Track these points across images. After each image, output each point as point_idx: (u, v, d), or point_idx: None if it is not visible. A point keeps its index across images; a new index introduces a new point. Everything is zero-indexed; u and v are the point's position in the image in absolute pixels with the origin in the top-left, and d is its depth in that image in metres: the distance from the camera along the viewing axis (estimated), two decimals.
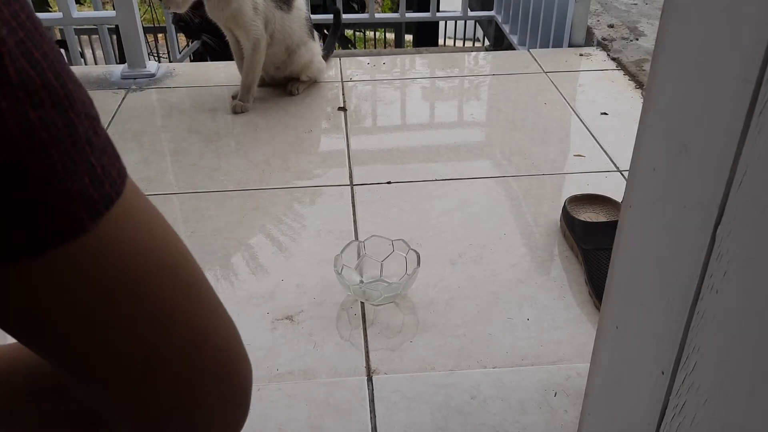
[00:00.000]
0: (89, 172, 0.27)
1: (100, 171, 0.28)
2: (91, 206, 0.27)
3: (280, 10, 1.50)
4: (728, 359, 0.41)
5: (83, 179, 0.27)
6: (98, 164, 0.27)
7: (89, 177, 0.27)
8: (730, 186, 0.40)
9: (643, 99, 0.50)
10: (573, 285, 1.01)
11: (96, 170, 0.27)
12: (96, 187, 0.27)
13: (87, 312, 0.29)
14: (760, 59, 0.36)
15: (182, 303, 0.32)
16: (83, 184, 0.27)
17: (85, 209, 0.27)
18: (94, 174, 0.27)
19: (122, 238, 0.29)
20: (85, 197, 0.27)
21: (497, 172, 1.29)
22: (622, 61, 1.76)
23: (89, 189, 0.27)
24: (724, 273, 0.41)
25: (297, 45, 1.55)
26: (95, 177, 0.27)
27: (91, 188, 0.27)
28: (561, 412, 0.80)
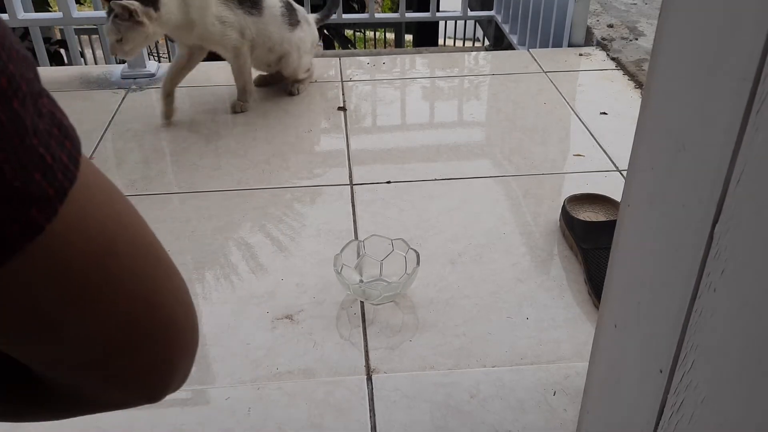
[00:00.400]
0: (39, 166, 0.24)
1: (51, 161, 0.25)
2: (45, 204, 0.25)
3: (251, 16, 1.48)
4: (726, 358, 0.41)
5: (34, 177, 0.24)
6: (47, 153, 0.25)
7: (40, 172, 0.24)
8: (727, 184, 0.40)
9: (642, 98, 0.50)
10: (572, 284, 1.01)
11: (46, 161, 0.25)
12: (49, 180, 0.25)
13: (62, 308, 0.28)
14: (758, 58, 0.37)
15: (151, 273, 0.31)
16: (35, 182, 0.24)
17: (39, 209, 0.25)
18: (45, 166, 0.25)
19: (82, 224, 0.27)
20: (38, 196, 0.24)
21: (497, 172, 1.29)
22: (621, 60, 1.76)
23: (42, 185, 0.25)
24: (722, 271, 0.41)
25: (279, 43, 1.53)
26: (46, 169, 0.25)
27: (44, 184, 0.25)
28: (560, 410, 0.80)
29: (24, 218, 0.24)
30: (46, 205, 0.25)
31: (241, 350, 0.89)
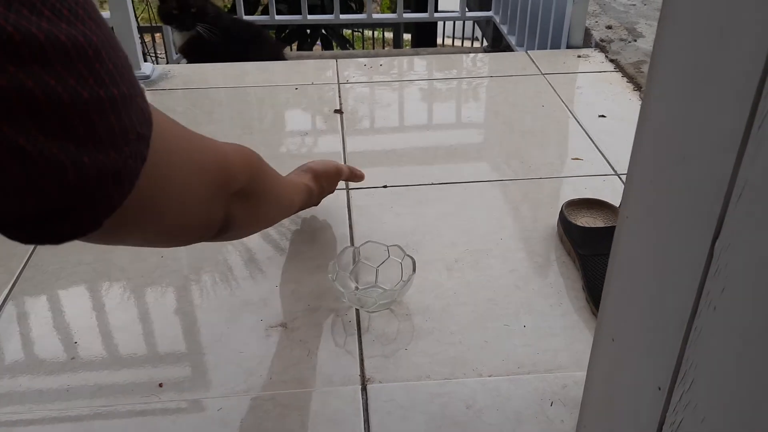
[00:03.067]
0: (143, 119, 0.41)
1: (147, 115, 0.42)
2: (146, 143, 0.41)
3: None
4: (726, 379, 0.40)
5: (143, 126, 0.41)
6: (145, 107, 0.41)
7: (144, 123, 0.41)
8: (728, 200, 0.39)
9: (640, 108, 0.49)
10: (570, 291, 1.00)
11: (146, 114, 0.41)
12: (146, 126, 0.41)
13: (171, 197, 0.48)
14: (760, 71, 0.35)
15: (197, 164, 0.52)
16: (145, 128, 0.41)
17: (145, 145, 0.41)
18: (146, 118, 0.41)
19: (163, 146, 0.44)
20: (145, 137, 0.41)
21: (494, 176, 1.28)
22: (620, 62, 1.75)
23: (144, 129, 0.41)
24: (723, 289, 0.40)
25: None
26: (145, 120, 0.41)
27: (145, 128, 0.41)
28: (557, 422, 0.79)
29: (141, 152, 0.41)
30: (147, 143, 0.41)
31: (234, 359, 0.88)
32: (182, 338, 0.92)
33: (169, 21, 2.13)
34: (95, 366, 0.88)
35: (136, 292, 1.00)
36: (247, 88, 1.68)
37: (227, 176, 0.56)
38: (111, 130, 0.37)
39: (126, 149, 0.39)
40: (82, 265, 1.05)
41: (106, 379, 0.86)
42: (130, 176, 0.39)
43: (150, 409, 0.81)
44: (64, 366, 0.87)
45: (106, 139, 0.37)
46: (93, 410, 0.81)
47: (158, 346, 0.91)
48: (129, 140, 0.39)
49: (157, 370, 0.87)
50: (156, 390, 0.84)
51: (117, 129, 0.37)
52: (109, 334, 0.93)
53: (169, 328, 0.94)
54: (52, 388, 0.84)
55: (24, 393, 0.83)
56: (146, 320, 0.95)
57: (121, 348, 0.91)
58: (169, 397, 0.83)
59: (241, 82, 1.71)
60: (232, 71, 1.78)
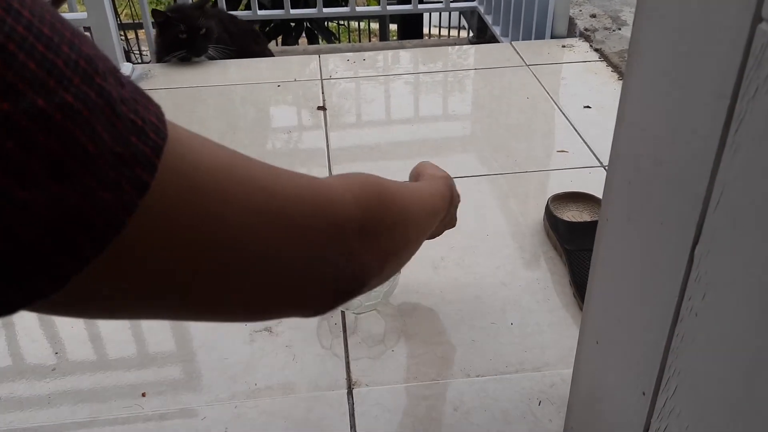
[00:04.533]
0: (133, 130, 0.27)
1: (141, 123, 0.28)
2: (145, 162, 0.27)
3: None
4: (709, 385, 0.39)
5: (131, 140, 0.27)
6: (137, 117, 0.27)
7: (135, 135, 0.27)
8: (707, 205, 0.38)
9: (618, 110, 0.48)
10: (557, 286, 0.99)
11: (137, 124, 0.27)
12: (143, 141, 0.27)
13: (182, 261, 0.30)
14: (735, 73, 0.34)
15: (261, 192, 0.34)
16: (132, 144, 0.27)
17: (141, 168, 0.27)
18: (137, 129, 0.27)
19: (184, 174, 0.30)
20: (138, 156, 0.27)
21: (480, 171, 1.27)
22: (604, 51, 1.74)
23: (139, 146, 0.27)
24: (704, 296, 0.39)
25: None
26: (139, 132, 0.27)
27: (140, 145, 0.27)
28: (545, 421, 0.78)
29: (132, 178, 0.27)
30: (147, 163, 0.27)
31: (218, 365, 0.87)
32: (165, 345, 0.91)
33: (176, 48, 1.76)
34: (77, 375, 0.86)
35: None
36: (230, 86, 1.66)
37: (334, 218, 0.38)
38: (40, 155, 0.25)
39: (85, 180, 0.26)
40: None
41: (88, 389, 0.84)
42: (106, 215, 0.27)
43: (133, 418, 0.80)
44: (46, 376, 0.86)
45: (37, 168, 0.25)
46: (75, 420, 0.80)
47: (141, 354, 0.90)
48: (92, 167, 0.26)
49: (140, 378, 0.86)
50: (139, 399, 0.83)
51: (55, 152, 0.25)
52: (91, 343, 0.91)
53: (152, 336, 0.92)
54: (33, 398, 0.83)
55: (5, 403, 0.82)
56: (128, 328, 0.94)
57: (103, 357, 0.90)
58: (152, 406, 0.82)
59: (223, 80, 1.69)
60: (213, 69, 1.76)
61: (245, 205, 0.32)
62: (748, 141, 0.34)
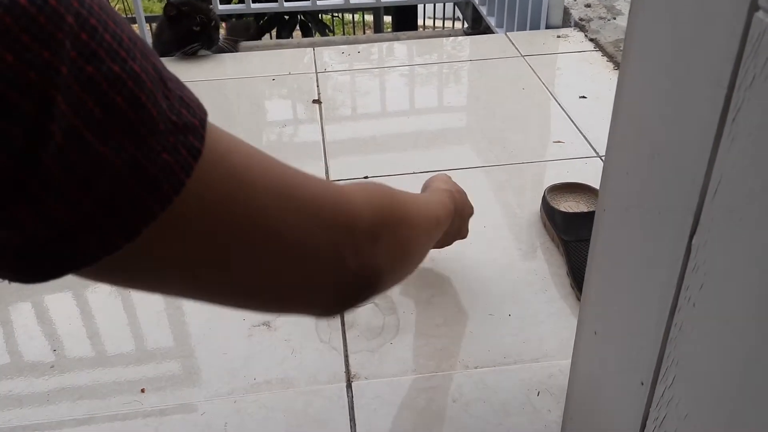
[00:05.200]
0: (184, 104, 0.31)
1: (189, 100, 0.31)
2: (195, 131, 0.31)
3: None
4: (707, 375, 0.40)
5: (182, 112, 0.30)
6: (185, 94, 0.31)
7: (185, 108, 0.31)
8: (704, 195, 0.38)
9: (614, 100, 0.48)
10: (555, 277, 0.99)
11: (185, 100, 0.31)
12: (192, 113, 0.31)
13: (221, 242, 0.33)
14: (732, 62, 0.34)
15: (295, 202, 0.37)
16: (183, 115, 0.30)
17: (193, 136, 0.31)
18: (186, 104, 0.31)
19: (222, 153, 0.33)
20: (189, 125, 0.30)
21: (476, 163, 1.27)
22: (599, 41, 1.73)
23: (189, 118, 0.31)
24: (701, 285, 0.39)
25: None
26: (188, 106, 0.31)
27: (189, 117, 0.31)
28: (544, 412, 0.78)
29: (186, 144, 0.30)
30: (197, 132, 0.31)
31: (217, 361, 0.87)
32: (164, 341, 0.91)
33: (189, 41, 1.72)
34: (76, 372, 0.86)
35: (116, 296, 0.99)
36: (224, 80, 1.65)
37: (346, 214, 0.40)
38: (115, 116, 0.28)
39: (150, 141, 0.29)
40: None
41: (87, 385, 0.84)
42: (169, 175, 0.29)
43: (132, 414, 0.80)
44: (44, 373, 0.86)
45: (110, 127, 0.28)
46: (74, 417, 0.80)
47: (140, 350, 0.90)
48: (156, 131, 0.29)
49: (138, 374, 0.86)
50: (138, 395, 0.83)
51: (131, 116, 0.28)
52: (89, 340, 0.91)
53: (150, 331, 0.92)
54: (32, 396, 0.83)
55: (3, 401, 0.82)
56: (127, 324, 0.94)
57: (101, 353, 0.89)
58: (151, 402, 0.82)
59: (217, 75, 1.68)
60: (208, 64, 1.75)
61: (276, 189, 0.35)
62: (745, 130, 0.34)
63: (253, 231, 0.34)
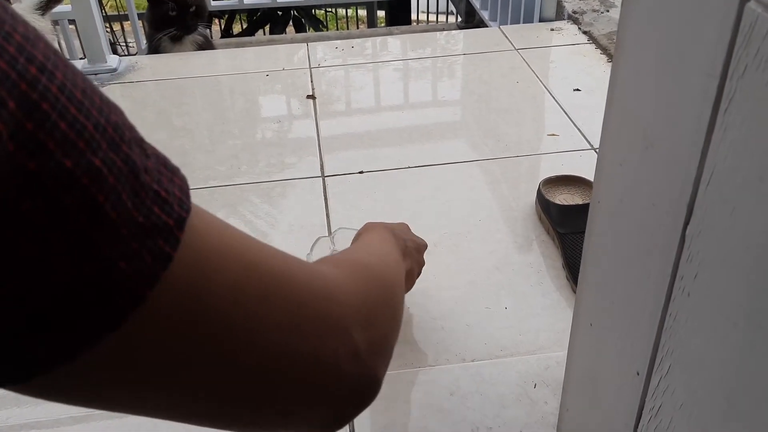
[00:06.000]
0: (156, 201, 0.26)
1: (165, 194, 0.26)
2: (168, 234, 0.26)
3: None
4: (702, 365, 0.40)
5: (154, 210, 0.26)
6: (161, 188, 0.26)
7: (158, 205, 0.26)
8: (698, 185, 0.38)
9: (607, 94, 0.48)
10: (550, 270, 0.99)
11: (161, 195, 0.26)
12: (167, 212, 0.26)
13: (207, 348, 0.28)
14: (724, 52, 0.34)
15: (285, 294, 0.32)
16: (155, 215, 0.26)
17: (163, 240, 0.26)
18: (161, 200, 0.26)
19: (206, 251, 0.28)
20: (161, 227, 0.26)
21: (471, 156, 1.27)
22: (593, 34, 1.73)
23: (162, 217, 0.26)
24: (695, 275, 0.39)
25: None
26: (163, 203, 0.26)
27: (163, 216, 0.26)
28: (541, 403, 0.79)
29: (154, 249, 0.25)
30: (169, 235, 0.26)
31: None
32: None
33: (166, 26, 1.75)
34: None
35: None
36: (218, 76, 1.65)
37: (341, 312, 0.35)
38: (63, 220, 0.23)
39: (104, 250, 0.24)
40: None
41: None
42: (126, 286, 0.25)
43: None
44: None
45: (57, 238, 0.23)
46: (71, 415, 0.80)
47: None
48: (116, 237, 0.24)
49: None
50: None
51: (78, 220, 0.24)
52: None
53: None
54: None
55: (1, 400, 0.82)
56: None
57: None
58: None
59: (211, 71, 1.68)
60: (200, 60, 1.75)
61: (260, 293, 0.30)
62: (737, 120, 0.34)
63: (234, 352, 0.29)
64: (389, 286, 0.45)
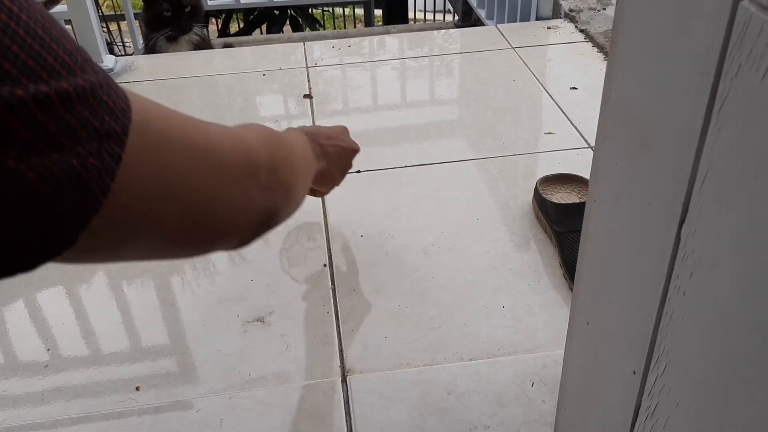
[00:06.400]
0: (106, 111, 0.33)
1: (112, 105, 0.34)
2: (117, 138, 0.34)
3: None
4: (699, 364, 0.40)
5: (105, 118, 0.33)
6: (109, 100, 0.33)
7: (108, 114, 0.33)
8: (692, 184, 0.38)
9: (603, 89, 0.48)
10: (548, 268, 0.99)
11: (110, 106, 0.33)
12: (115, 120, 0.33)
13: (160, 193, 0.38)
14: (718, 50, 0.34)
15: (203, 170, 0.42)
16: (107, 122, 0.33)
17: (114, 142, 0.33)
18: (109, 109, 0.33)
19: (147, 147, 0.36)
20: (111, 132, 0.33)
21: (468, 155, 1.27)
22: (590, 32, 1.73)
23: (111, 124, 0.33)
24: (691, 274, 0.39)
25: None
26: (111, 112, 0.33)
27: (112, 123, 0.33)
28: (539, 402, 0.79)
29: (109, 149, 0.33)
30: (119, 139, 0.34)
31: (212, 357, 0.87)
32: (158, 338, 0.91)
33: (161, 26, 1.77)
34: (70, 371, 0.86)
35: (109, 294, 0.98)
36: (215, 76, 1.65)
37: (249, 158, 0.47)
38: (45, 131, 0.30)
39: (77, 149, 0.32)
40: (52, 269, 1.03)
41: (81, 384, 0.84)
42: (98, 178, 0.33)
43: (128, 412, 0.80)
44: (38, 373, 0.86)
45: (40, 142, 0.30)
46: (69, 416, 0.80)
47: (134, 348, 0.90)
48: (80, 139, 0.32)
49: (133, 372, 0.86)
50: (133, 393, 0.83)
51: (53, 129, 0.31)
52: (83, 339, 0.91)
53: (144, 329, 0.92)
54: (26, 396, 0.83)
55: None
56: (120, 322, 0.94)
57: (95, 352, 0.89)
58: (146, 400, 0.82)
59: (208, 71, 1.67)
60: (197, 60, 1.75)
61: (191, 155, 0.41)
62: (732, 119, 0.34)
63: (180, 197, 0.40)
64: (291, 151, 0.58)
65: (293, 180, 0.57)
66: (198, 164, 0.41)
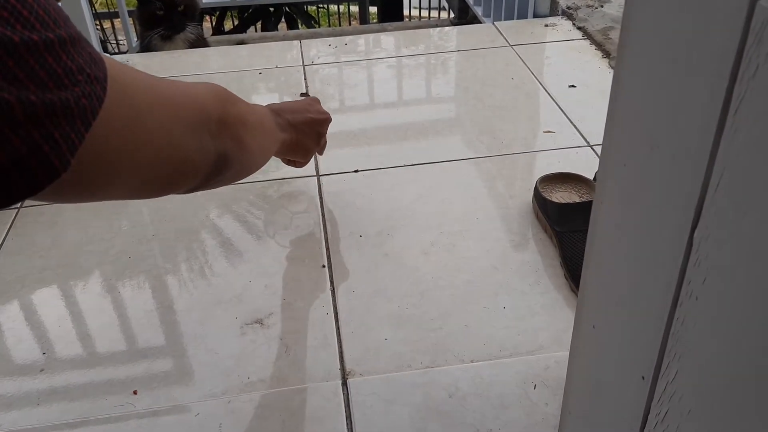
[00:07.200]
0: (91, 61, 0.39)
1: (95, 55, 0.40)
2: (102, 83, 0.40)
3: None
4: (711, 370, 0.39)
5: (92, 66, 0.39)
6: (92, 50, 0.40)
7: (93, 64, 0.39)
8: (706, 189, 0.37)
9: (611, 91, 0.47)
10: (548, 268, 0.99)
11: (93, 56, 0.40)
12: (98, 68, 0.40)
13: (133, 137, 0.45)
14: (734, 52, 0.33)
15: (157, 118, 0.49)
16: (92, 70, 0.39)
17: (100, 86, 0.40)
18: (93, 60, 0.40)
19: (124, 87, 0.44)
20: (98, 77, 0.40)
21: (467, 154, 1.26)
22: (587, 29, 1.73)
23: (96, 71, 0.40)
24: (704, 280, 0.38)
25: None
26: (94, 62, 0.40)
27: (97, 70, 0.40)
28: (541, 405, 0.78)
29: (96, 92, 0.40)
30: (103, 83, 0.40)
31: (210, 360, 0.86)
32: (155, 341, 0.90)
33: (154, 25, 1.76)
34: (66, 375, 0.85)
35: (105, 296, 0.97)
36: (211, 74, 1.63)
37: (201, 109, 0.55)
38: (53, 72, 0.36)
39: (76, 89, 0.38)
40: (47, 271, 1.02)
41: (78, 388, 0.83)
42: (85, 115, 0.38)
43: (125, 416, 0.79)
44: (34, 377, 0.85)
45: (50, 81, 0.36)
46: (66, 421, 0.79)
47: (131, 351, 0.88)
48: (78, 81, 0.38)
49: (130, 376, 0.85)
50: (130, 397, 0.81)
51: (60, 71, 0.36)
52: (79, 342, 0.90)
53: (141, 332, 0.91)
54: (22, 400, 0.81)
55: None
56: (116, 325, 0.93)
57: (92, 355, 0.88)
58: (144, 404, 0.80)
59: (203, 69, 1.66)
60: (193, 58, 1.73)
61: (154, 101, 0.48)
62: (748, 121, 0.33)
63: (149, 137, 0.47)
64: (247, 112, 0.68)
65: (246, 137, 0.65)
66: (160, 109, 0.49)
